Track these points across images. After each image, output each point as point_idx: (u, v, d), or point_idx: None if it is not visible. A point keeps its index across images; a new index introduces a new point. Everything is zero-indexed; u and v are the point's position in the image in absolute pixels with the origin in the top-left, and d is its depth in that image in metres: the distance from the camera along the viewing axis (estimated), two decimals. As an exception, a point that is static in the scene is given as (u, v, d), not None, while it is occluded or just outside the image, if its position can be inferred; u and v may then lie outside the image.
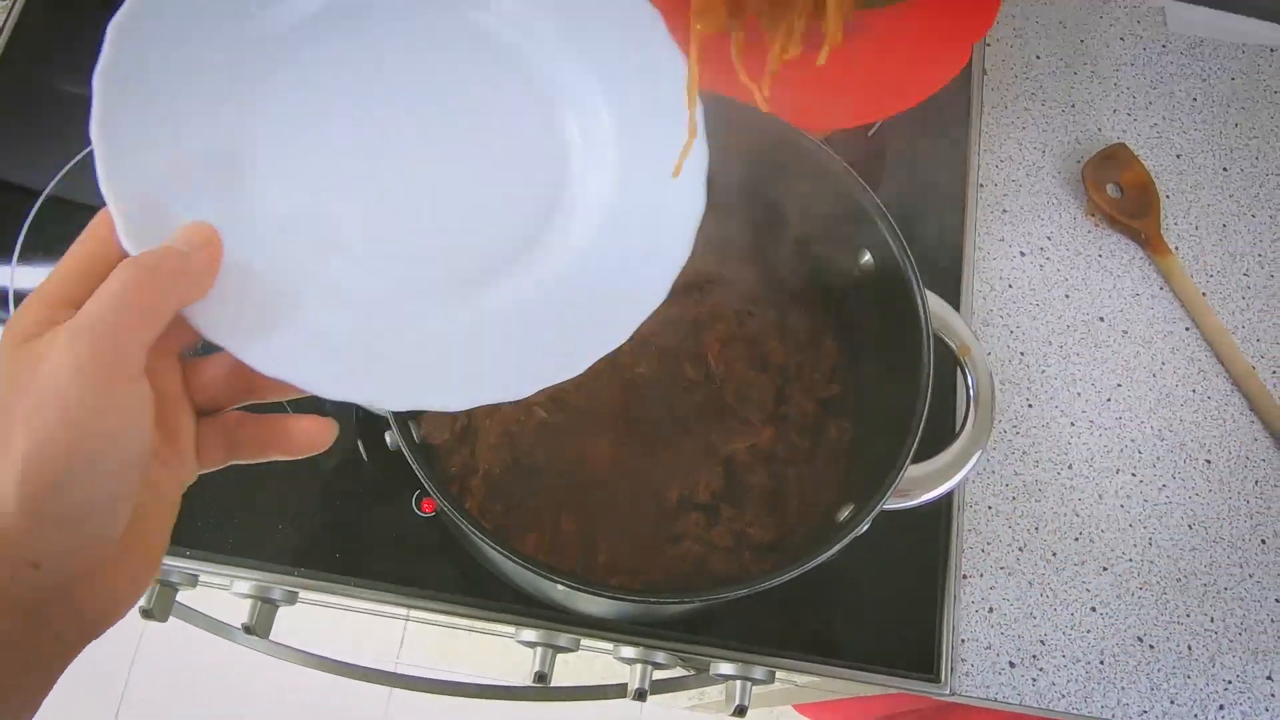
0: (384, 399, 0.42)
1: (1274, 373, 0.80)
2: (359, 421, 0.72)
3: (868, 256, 0.64)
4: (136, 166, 0.40)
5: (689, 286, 0.69)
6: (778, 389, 0.67)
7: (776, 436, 0.66)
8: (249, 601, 0.72)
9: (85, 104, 0.39)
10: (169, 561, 0.68)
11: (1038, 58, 0.91)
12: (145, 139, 0.41)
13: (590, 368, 0.65)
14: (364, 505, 0.70)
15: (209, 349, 0.40)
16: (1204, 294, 0.82)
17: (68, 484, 0.33)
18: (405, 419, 0.56)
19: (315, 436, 0.42)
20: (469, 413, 0.63)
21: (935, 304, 0.63)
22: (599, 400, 0.66)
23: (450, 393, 0.43)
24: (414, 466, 0.53)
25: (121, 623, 0.38)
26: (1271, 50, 0.92)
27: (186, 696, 1.51)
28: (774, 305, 0.70)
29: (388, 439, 0.60)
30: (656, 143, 0.49)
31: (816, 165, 0.63)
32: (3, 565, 0.33)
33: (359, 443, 0.72)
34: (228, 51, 0.44)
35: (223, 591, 0.73)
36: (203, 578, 0.71)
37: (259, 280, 0.41)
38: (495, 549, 0.51)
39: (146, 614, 0.72)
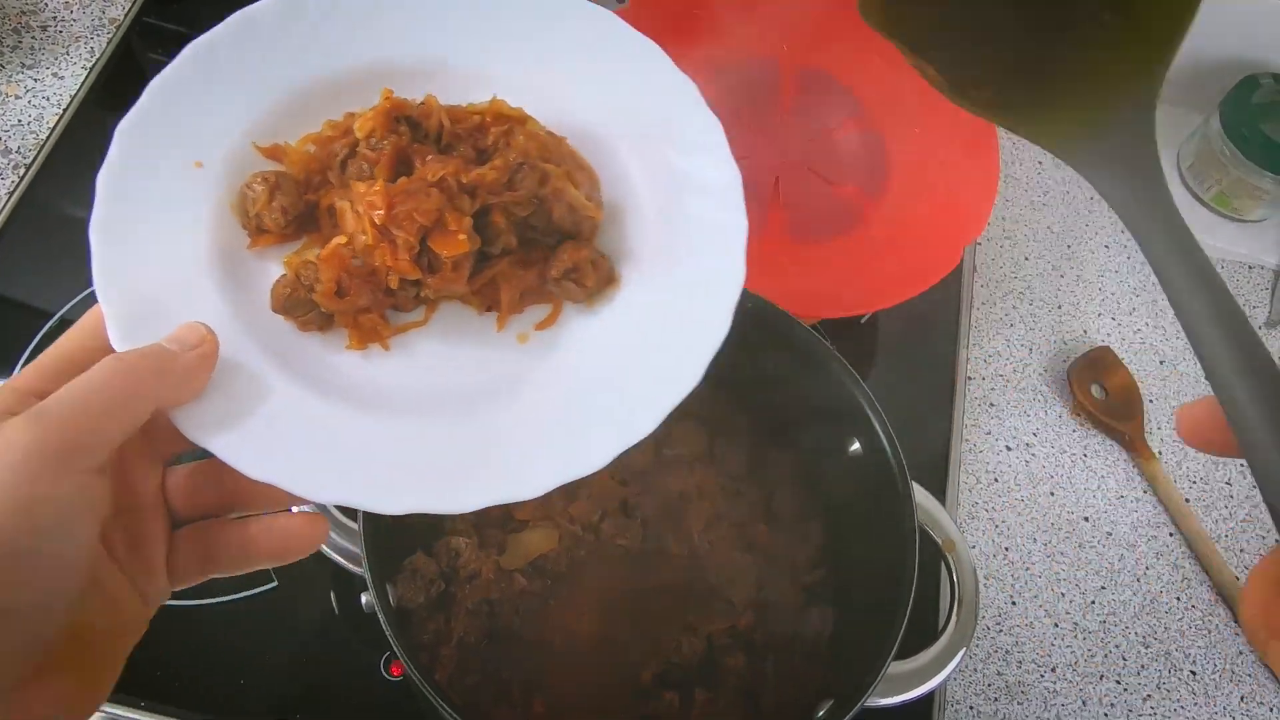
0: (379, 503, 0.40)
1: (1258, 585, 0.80)
2: (334, 578, 0.71)
3: (856, 445, 0.65)
4: (134, 265, 0.40)
5: (678, 461, 0.69)
6: (760, 573, 0.66)
7: (756, 622, 0.65)
8: (200, 758, 0.69)
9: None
10: (120, 712, 0.65)
11: (1026, 259, 0.94)
12: (145, 238, 0.41)
13: (573, 533, 0.65)
14: (332, 663, 0.68)
15: (199, 455, 0.38)
16: (1187, 500, 0.83)
17: None
18: (383, 580, 0.55)
19: (303, 536, 0.39)
20: (447, 578, 0.63)
21: (921, 497, 0.63)
22: (580, 569, 0.65)
23: (451, 495, 0.40)
24: (387, 631, 0.52)
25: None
26: (1249, 267, 0.96)
27: None
28: (762, 486, 0.70)
29: (363, 600, 0.59)
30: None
31: (809, 353, 0.65)
32: None
33: (332, 596, 0.71)
34: (228, 160, 0.45)
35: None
36: (154, 731, 0.69)
37: (248, 381, 0.40)
38: (463, 726, 0.50)
39: (90, 765, 0.68)
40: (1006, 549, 0.79)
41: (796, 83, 0.86)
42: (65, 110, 0.89)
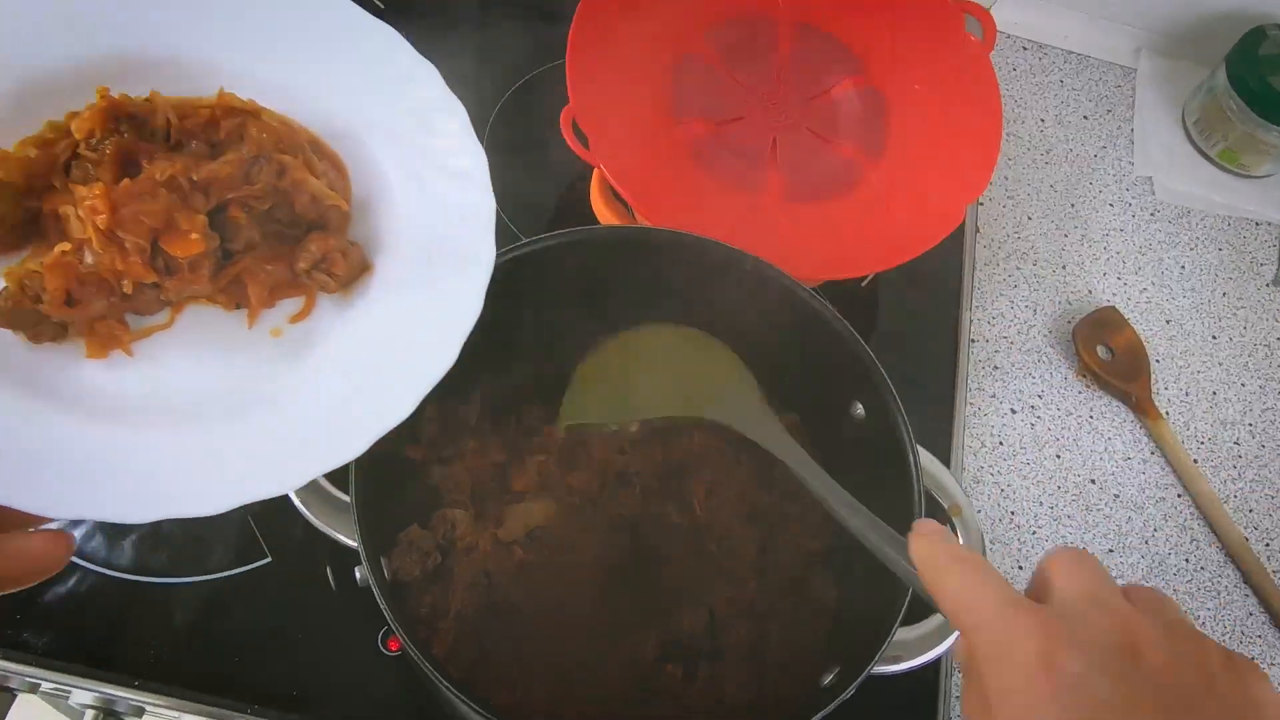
0: (126, 514, 0.39)
1: (1267, 545, 0.79)
2: (330, 552, 0.69)
3: (860, 408, 0.63)
4: None
5: (678, 429, 0.68)
6: (762, 540, 0.65)
7: (759, 591, 0.63)
8: (197, 736, 0.68)
9: None
10: (115, 691, 0.64)
11: (1029, 218, 0.92)
12: None
13: (571, 503, 0.64)
14: (326, 639, 0.67)
15: None
16: (1195, 460, 0.81)
17: None
18: (377, 554, 0.54)
19: (44, 556, 0.37)
20: (444, 550, 0.61)
21: (927, 461, 0.62)
22: (579, 540, 0.64)
23: (202, 499, 0.40)
24: (382, 605, 0.51)
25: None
26: (1256, 224, 0.94)
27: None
28: (763, 452, 0.69)
29: (357, 574, 0.58)
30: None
31: (811, 315, 0.63)
32: None
33: (328, 570, 0.69)
34: None
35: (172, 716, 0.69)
36: (150, 709, 0.67)
37: None
38: (462, 700, 0.49)
39: (87, 747, 0.67)
40: (1012, 513, 0.78)
41: (793, 41, 0.83)
42: None
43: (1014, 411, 0.82)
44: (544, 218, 0.85)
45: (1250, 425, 0.84)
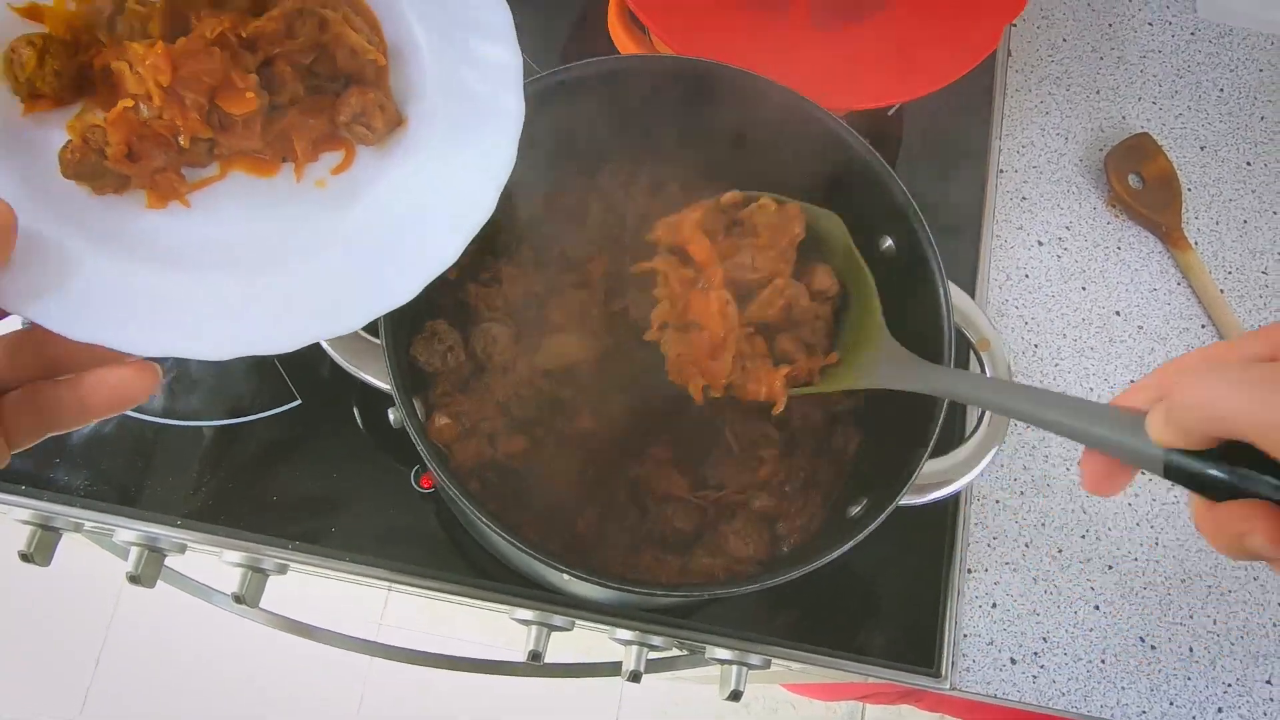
0: (202, 350, 0.41)
1: (1288, 374, 0.79)
2: (359, 393, 0.70)
3: (890, 242, 0.62)
4: None
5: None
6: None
7: (790, 417, 0.64)
8: (239, 571, 0.70)
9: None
10: (157, 530, 0.66)
11: (1064, 40, 0.88)
12: None
13: (607, 345, 0.64)
14: (361, 479, 0.69)
15: None
16: (1222, 290, 0.81)
17: None
18: (409, 396, 0.54)
19: (135, 384, 0.40)
20: (481, 365, 0.61)
21: (956, 296, 0.61)
22: (610, 383, 0.64)
23: (270, 338, 0.42)
24: (422, 451, 0.52)
25: (96, 581, 0.36)
26: (1301, 42, 0.90)
27: (164, 657, 1.50)
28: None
29: (391, 416, 0.58)
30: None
31: (839, 145, 0.61)
32: None
33: (355, 413, 0.70)
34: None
35: (212, 557, 0.72)
36: (192, 546, 0.70)
37: (59, 245, 0.41)
38: (499, 534, 0.50)
39: (134, 579, 0.70)
40: (1036, 345, 0.78)
41: None
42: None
43: (1041, 244, 0.81)
44: (556, 48, 0.82)
45: (1279, 254, 0.82)
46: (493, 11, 0.51)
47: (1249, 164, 0.85)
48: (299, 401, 0.69)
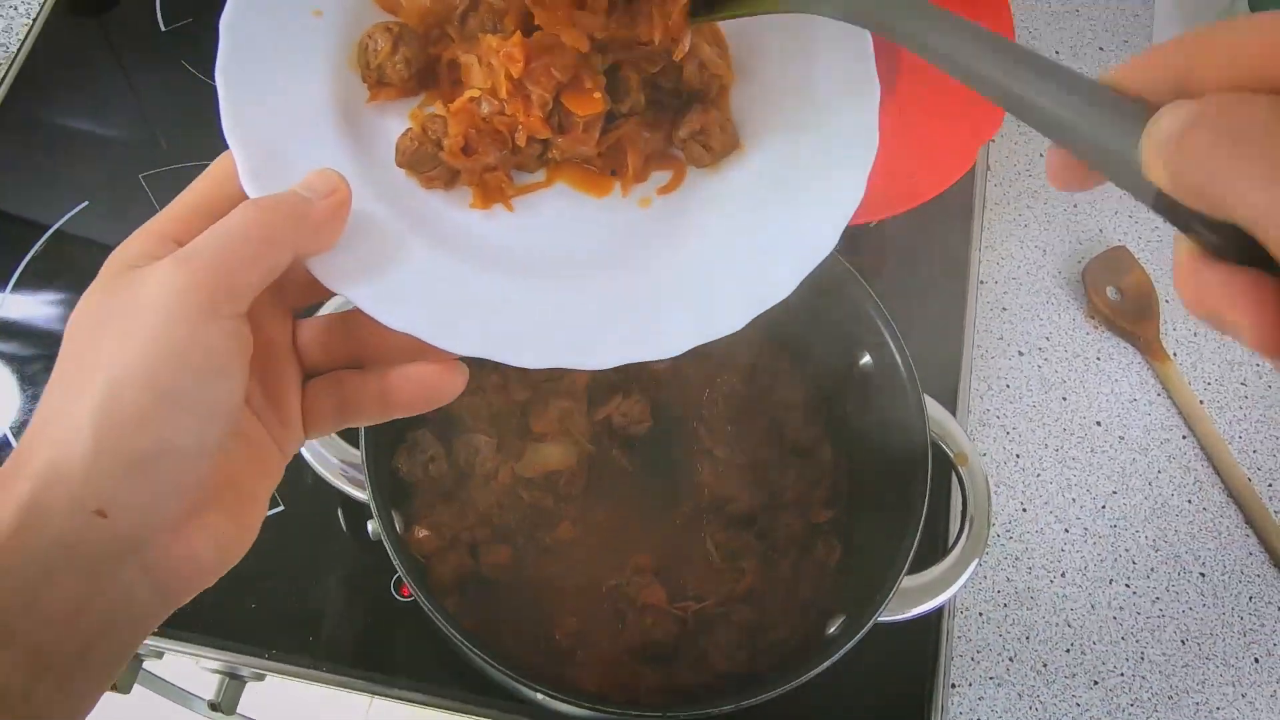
0: (519, 356, 0.39)
1: (1270, 485, 0.79)
2: (342, 503, 0.70)
3: (867, 358, 0.63)
4: (260, 111, 0.39)
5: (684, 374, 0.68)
6: (770, 495, 0.65)
7: (766, 528, 0.64)
8: (216, 677, 0.70)
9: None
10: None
11: (1040, 155, 0.91)
12: (267, 84, 0.40)
13: (589, 453, 0.64)
14: (340, 586, 0.68)
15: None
16: (1201, 402, 0.81)
17: (145, 421, 0.30)
18: (388, 509, 0.55)
19: (442, 384, 0.38)
20: (464, 475, 0.61)
21: (934, 409, 0.62)
22: (595, 488, 0.65)
23: (587, 353, 0.40)
24: (396, 563, 0.52)
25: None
26: (1272, 159, 0.93)
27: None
28: (770, 406, 0.69)
29: (369, 528, 0.59)
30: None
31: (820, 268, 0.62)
32: (63, 509, 0.30)
33: (340, 517, 0.70)
34: (345, 9, 0.43)
35: (190, 660, 0.71)
36: (169, 652, 0.69)
37: (383, 230, 0.40)
38: (474, 653, 0.50)
39: (111, 687, 0.69)
40: (1017, 456, 0.79)
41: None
42: (35, 19, 0.85)
43: (1021, 354, 0.82)
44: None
45: (1257, 365, 0.83)
46: (847, 38, 0.46)
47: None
48: (282, 508, 0.70)
